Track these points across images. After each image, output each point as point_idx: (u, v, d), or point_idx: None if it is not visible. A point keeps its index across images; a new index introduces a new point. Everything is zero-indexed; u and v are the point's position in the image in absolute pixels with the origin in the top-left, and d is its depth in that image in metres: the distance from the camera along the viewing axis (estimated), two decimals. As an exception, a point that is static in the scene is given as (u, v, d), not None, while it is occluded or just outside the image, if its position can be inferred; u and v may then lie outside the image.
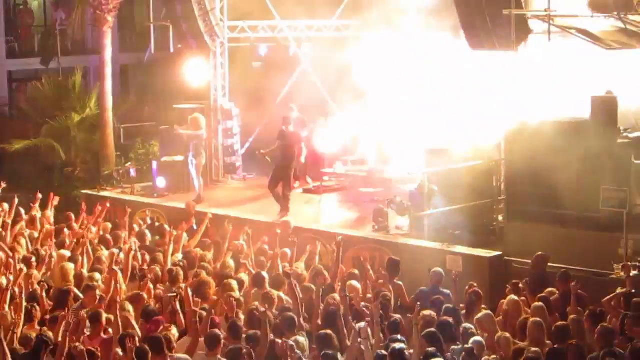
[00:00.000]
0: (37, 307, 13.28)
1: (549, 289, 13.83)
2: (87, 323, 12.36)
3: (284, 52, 26.19)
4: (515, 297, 13.40)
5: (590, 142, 17.62)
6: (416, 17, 23.35)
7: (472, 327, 12.30)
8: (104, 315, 12.60)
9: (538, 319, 12.08)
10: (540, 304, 12.80)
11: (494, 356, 11.19)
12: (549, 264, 15.28)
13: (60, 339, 11.64)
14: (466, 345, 11.25)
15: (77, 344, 11.30)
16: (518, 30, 19.39)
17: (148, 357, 10.96)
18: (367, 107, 24.96)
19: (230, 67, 25.96)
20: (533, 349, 11.18)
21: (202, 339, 12.03)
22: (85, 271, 15.42)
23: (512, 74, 19.93)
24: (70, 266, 15.52)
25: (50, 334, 12.03)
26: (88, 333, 12.32)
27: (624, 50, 19.65)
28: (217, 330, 12.02)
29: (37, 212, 19.61)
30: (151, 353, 11.03)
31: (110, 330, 12.41)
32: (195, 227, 18.77)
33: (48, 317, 13.18)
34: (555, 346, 11.38)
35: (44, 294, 14.07)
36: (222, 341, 11.81)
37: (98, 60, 26.88)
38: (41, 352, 11.13)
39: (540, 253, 15.41)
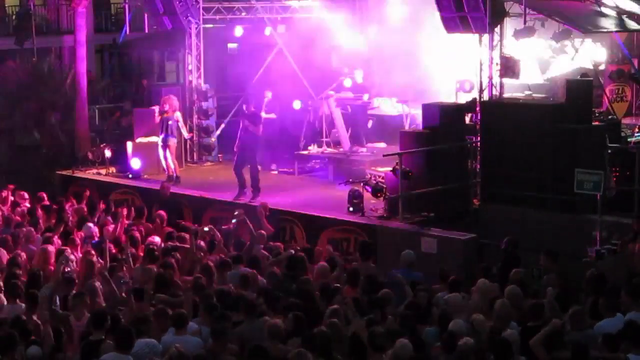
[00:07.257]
0: None
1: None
2: None
3: (259, 33, 26.09)
4: (486, 280, 13.22)
5: (566, 125, 17.68)
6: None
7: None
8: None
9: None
10: (515, 286, 12.68)
11: (470, 339, 11.09)
12: (523, 247, 15.27)
13: None
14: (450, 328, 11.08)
15: None
16: (493, 12, 19.46)
17: None
18: (343, 87, 24.95)
19: (205, 48, 25.82)
20: (509, 330, 11.12)
21: None
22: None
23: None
24: (51, 248, 15.47)
25: None
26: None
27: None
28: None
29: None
30: None
31: None
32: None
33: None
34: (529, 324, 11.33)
35: None
36: None
37: (72, 41, 26.66)
38: None
39: (509, 237, 15.34)
